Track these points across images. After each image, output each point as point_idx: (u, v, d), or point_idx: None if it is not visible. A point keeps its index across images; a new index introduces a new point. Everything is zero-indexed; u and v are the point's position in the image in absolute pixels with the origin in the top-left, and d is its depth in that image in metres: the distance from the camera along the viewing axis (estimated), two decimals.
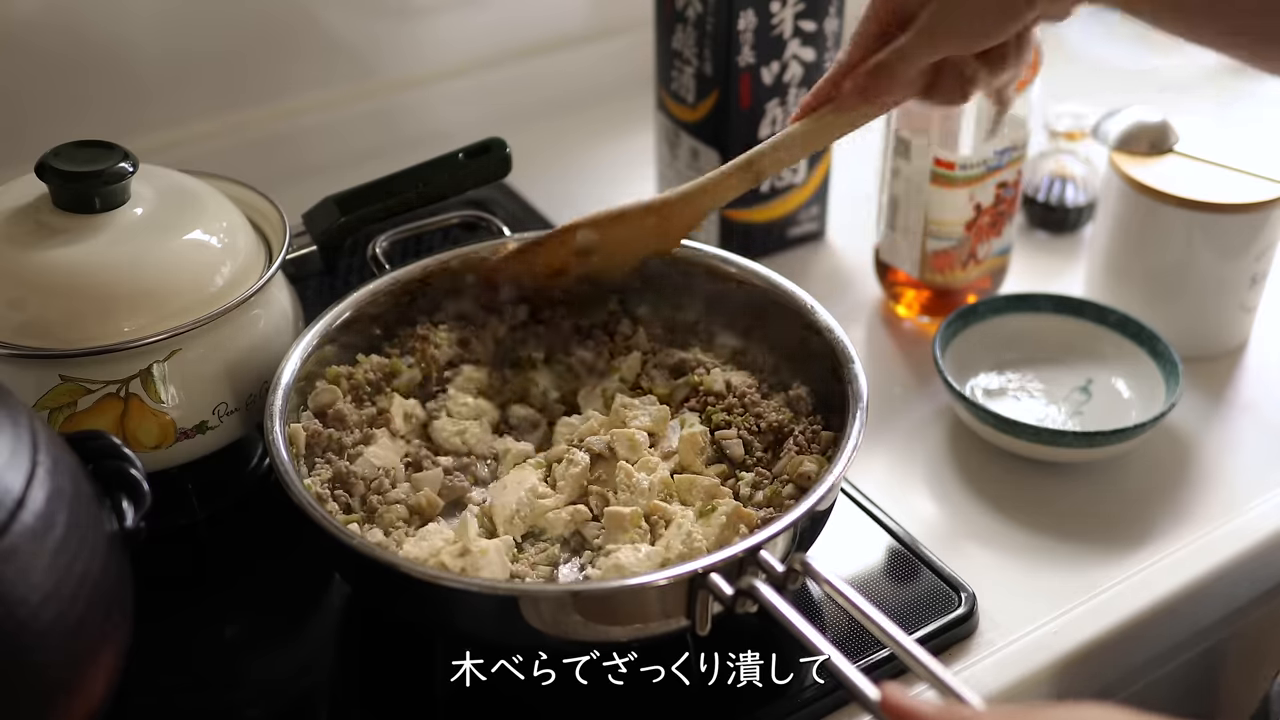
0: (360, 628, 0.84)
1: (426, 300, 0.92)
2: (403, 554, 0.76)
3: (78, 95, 1.13)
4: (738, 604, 0.69)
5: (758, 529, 0.75)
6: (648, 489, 0.80)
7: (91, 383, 0.79)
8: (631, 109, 1.28)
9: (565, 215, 1.17)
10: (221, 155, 1.12)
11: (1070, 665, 0.82)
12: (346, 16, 1.23)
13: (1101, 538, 0.89)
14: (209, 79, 1.19)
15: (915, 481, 0.94)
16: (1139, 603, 0.85)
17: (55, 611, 0.60)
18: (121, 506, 0.67)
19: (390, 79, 1.27)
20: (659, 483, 0.81)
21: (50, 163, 0.81)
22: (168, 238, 0.83)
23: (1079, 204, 1.17)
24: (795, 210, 1.13)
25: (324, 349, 0.86)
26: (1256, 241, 0.99)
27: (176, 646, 0.81)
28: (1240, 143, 1.03)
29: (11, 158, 0.91)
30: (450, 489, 0.83)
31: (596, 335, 0.92)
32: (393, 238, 0.95)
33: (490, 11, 1.28)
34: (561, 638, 0.72)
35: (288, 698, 0.80)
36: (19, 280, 0.80)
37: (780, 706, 0.76)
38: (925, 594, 0.83)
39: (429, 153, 0.96)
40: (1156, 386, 0.96)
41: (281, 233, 0.88)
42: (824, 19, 1.05)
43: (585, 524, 0.80)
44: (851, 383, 0.81)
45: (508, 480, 0.82)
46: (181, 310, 0.81)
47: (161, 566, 0.77)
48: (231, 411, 0.84)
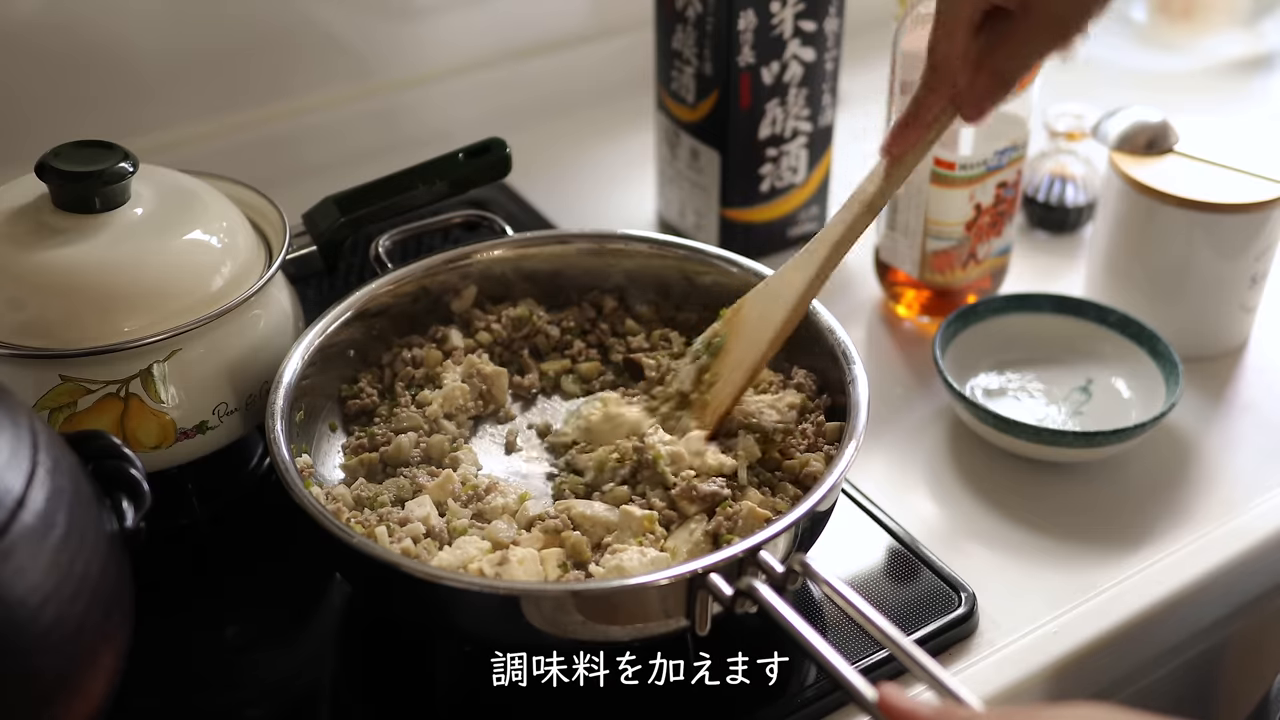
0: (360, 628, 0.84)
1: (428, 300, 0.92)
2: (436, 562, 0.76)
3: (78, 95, 1.13)
4: (737, 604, 0.69)
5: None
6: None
7: (91, 383, 0.79)
8: (631, 109, 1.28)
9: (565, 215, 1.18)
10: (221, 155, 1.12)
11: (1070, 665, 0.82)
12: (346, 16, 1.23)
13: (1101, 538, 0.89)
14: (209, 79, 1.19)
15: (915, 481, 0.94)
16: (1139, 603, 0.85)
17: (55, 612, 0.59)
18: (121, 506, 0.67)
19: (390, 79, 1.27)
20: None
21: (50, 163, 0.81)
22: (168, 238, 0.83)
23: (1079, 204, 1.17)
24: (795, 210, 1.13)
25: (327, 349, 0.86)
26: (1256, 241, 0.99)
27: (176, 646, 0.81)
28: (1240, 143, 1.03)
29: (11, 158, 0.91)
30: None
31: (599, 330, 0.93)
32: (393, 238, 0.95)
33: (490, 11, 1.28)
34: (562, 637, 0.72)
35: (288, 698, 0.80)
36: (19, 280, 0.80)
37: (780, 707, 0.76)
38: (925, 594, 0.83)
39: (429, 153, 0.96)
40: (1156, 386, 0.96)
41: (281, 233, 0.88)
42: (824, 19, 1.05)
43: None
44: (851, 383, 0.81)
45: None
46: (181, 310, 0.81)
47: (161, 566, 0.77)
48: (231, 411, 0.84)
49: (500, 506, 0.80)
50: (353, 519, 0.78)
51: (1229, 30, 1.50)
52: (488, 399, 0.89)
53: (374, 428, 0.86)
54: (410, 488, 0.81)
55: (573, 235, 0.96)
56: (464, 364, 0.89)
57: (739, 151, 0.86)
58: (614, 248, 0.95)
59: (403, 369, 0.90)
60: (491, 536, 0.78)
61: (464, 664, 0.80)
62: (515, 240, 0.95)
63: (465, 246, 0.93)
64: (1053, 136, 1.18)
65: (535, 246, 0.94)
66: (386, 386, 0.90)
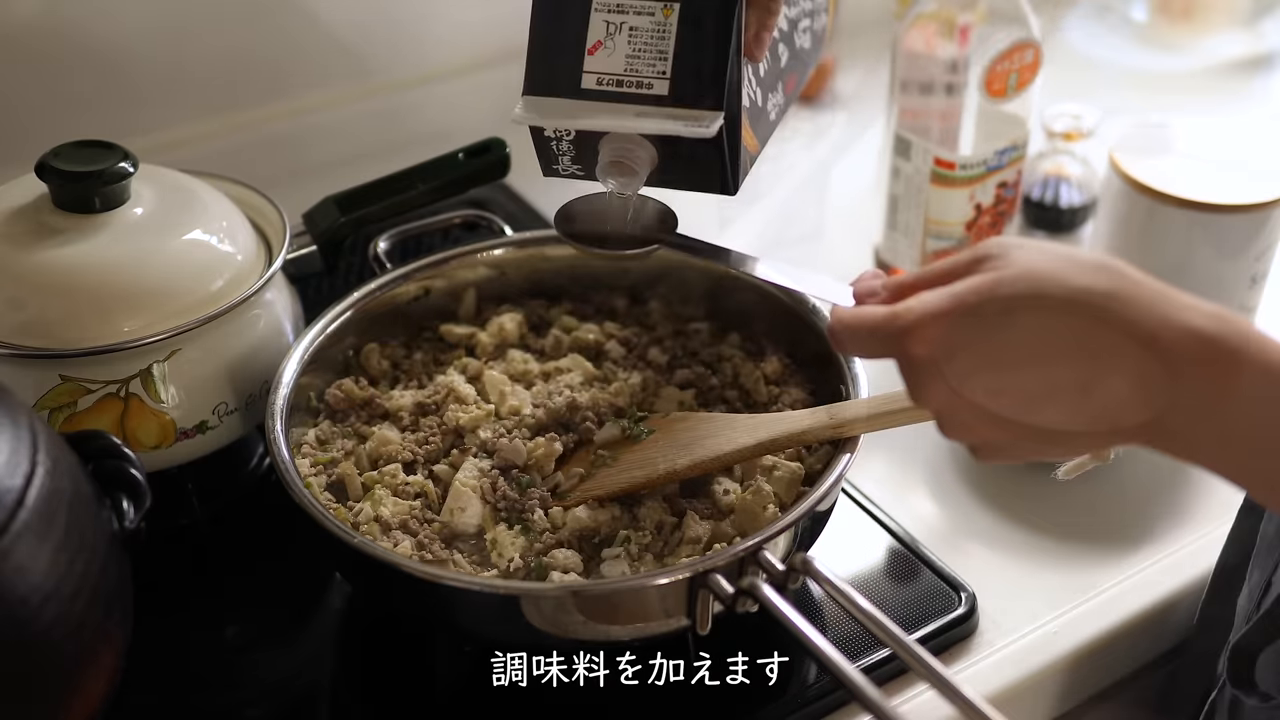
0: (360, 628, 0.84)
1: (428, 300, 0.92)
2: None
3: (78, 95, 1.13)
4: (738, 603, 0.69)
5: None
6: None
7: (91, 383, 0.79)
8: None
9: None
10: (221, 155, 1.12)
11: (1070, 665, 0.82)
12: (346, 16, 1.23)
13: (1101, 538, 0.89)
14: (209, 79, 1.19)
15: (915, 481, 0.94)
16: (1139, 603, 0.85)
17: (55, 611, 0.59)
18: (121, 506, 0.67)
19: (390, 79, 1.27)
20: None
21: (50, 163, 0.81)
22: (168, 238, 0.83)
23: (1074, 204, 1.17)
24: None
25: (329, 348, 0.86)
26: (1256, 241, 0.99)
27: (176, 646, 0.81)
28: (1240, 143, 1.03)
29: (11, 158, 0.91)
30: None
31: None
32: (393, 238, 0.95)
33: (490, 11, 1.28)
34: (562, 637, 0.72)
35: (288, 698, 0.80)
36: (19, 280, 0.80)
37: (780, 706, 0.76)
38: (925, 594, 0.83)
39: (429, 153, 0.96)
40: None
41: (281, 233, 0.88)
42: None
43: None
44: (852, 383, 0.81)
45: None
46: (181, 310, 0.81)
47: (161, 566, 0.77)
48: (231, 411, 0.84)
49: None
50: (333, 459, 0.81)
51: (1229, 30, 1.50)
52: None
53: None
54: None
55: None
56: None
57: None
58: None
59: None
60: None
61: (464, 664, 0.80)
62: (515, 240, 0.95)
63: (465, 246, 0.93)
64: (1050, 137, 1.18)
65: (535, 247, 0.94)
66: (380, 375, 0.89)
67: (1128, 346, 0.59)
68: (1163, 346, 0.58)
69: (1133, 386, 0.59)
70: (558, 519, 0.77)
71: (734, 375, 0.88)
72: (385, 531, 0.77)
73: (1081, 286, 0.59)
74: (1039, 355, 0.60)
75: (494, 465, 0.80)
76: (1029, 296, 0.60)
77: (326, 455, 0.82)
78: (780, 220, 1.20)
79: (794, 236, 1.16)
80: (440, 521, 0.78)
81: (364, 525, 0.77)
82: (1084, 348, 0.59)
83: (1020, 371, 0.61)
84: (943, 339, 0.61)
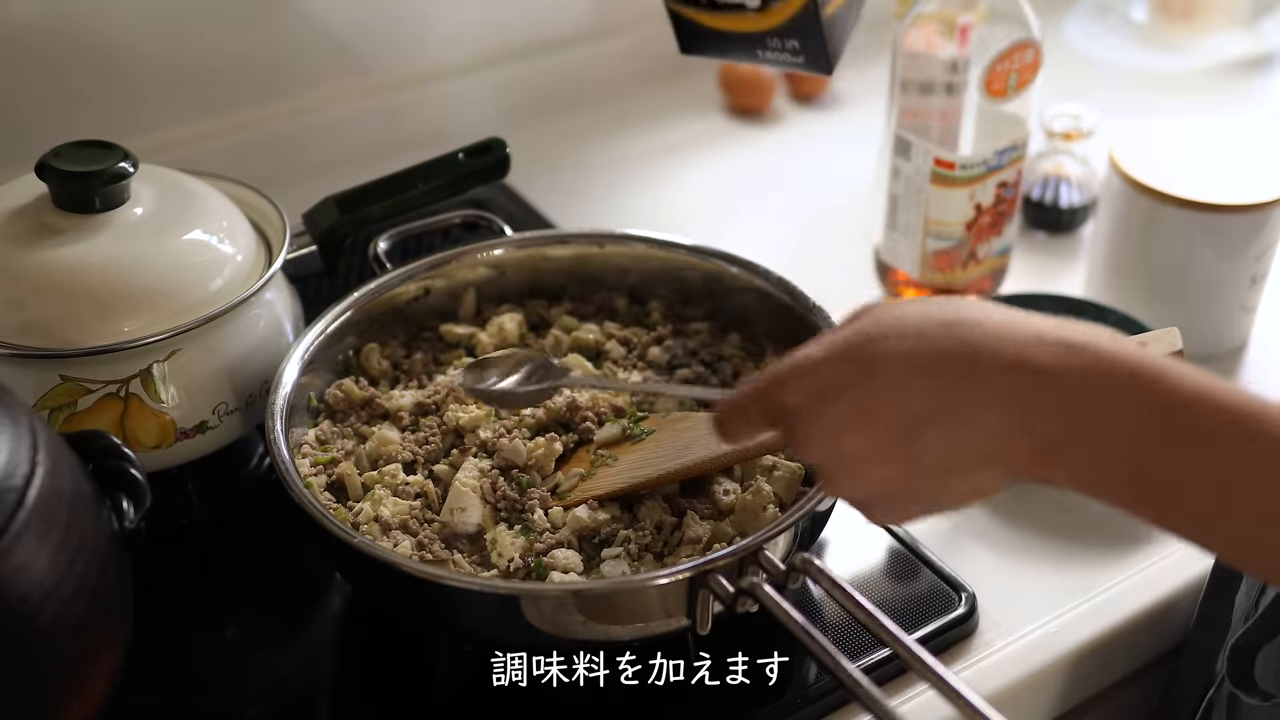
0: (360, 628, 0.84)
1: (428, 300, 0.92)
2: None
3: (78, 95, 1.13)
4: (739, 603, 0.69)
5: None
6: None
7: (91, 383, 0.79)
8: (631, 109, 1.28)
9: (565, 215, 1.18)
10: (221, 155, 1.12)
11: (1070, 665, 0.82)
12: (346, 15, 1.23)
13: (1101, 538, 0.89)
14: (209, 79, 1.19)
15: None
16: (1139, 603, 0.85)
17: (55, 611, 0.59)
18: (121, 506, 0.67)
19: (390, 79, 1.27)
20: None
21: (50, 163, 0.81)
22: (168, 238, 0.83)
23: (1074, 204, 1.17)
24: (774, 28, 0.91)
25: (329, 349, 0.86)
26: (1256, 241, 0.99)
27: (176, 646, 0.81)
28: (1240, 143, 1.03)
29: (11, 158, 0.91)
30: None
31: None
32: (393, 238, 0.95)
33: (490, 11, 1.28)
34: (562, 637, 0.72)
35: (287, 697, 0.80)
36: (19, 280, 0.80)
37: (780, 706, 0.76)
38: (925, 594, 0.83)
39: (429, 153, 0.96)
40: None
41: (281, 233, 0.88)
42: None
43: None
44: None
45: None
46: (181, 310, 0.81)
47: (161, 566, 0.77)
48: (231, 411, 0.84)
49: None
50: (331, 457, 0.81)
51: (1229, 30, 1.50)
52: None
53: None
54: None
55: (573, 235, 0.96)
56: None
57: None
58: (614, 248, 0.95)
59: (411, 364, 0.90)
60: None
61: (464, 664, 0.80)
62: (515, 240, 0.95)
63: (465, 246, 0.93)
64: (1050, 137, 1.18)
65: (535, 247, 0.94)
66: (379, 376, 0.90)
67: (994, 372, 0.59)
68: (1028, 358, 0.58)
69: (1007, 411, 0.58)
70: (558, 519, 0.77)
71: (734, 375, 0.89)
72: (385, 531, 0.77)
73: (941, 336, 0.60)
74: (912, 390, 0.60)
75: (494, 465, 0.80)
76: (895, 338, 0.60)
77: (326, 455, 0.82)
78: (780, 220, 1.20)
79: (794, 237, 1.16)
80: (440, 521, 0.78)
81: (364, 525, 0.77)
82: (953, 379, 0.59)
83: (896, 406, 0.60)
84: (817, 385, 0.62)
